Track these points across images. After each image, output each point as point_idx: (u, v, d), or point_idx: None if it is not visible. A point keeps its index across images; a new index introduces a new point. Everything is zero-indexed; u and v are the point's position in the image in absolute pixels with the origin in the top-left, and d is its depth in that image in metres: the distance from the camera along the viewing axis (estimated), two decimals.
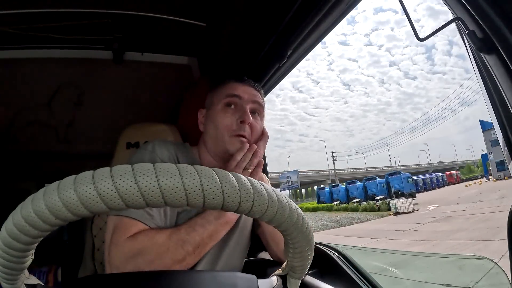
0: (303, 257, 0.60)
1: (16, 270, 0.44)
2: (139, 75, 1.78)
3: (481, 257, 1.96)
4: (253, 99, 1.07)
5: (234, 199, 0.42)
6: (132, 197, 0.37)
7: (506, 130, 0.62)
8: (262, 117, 1.11)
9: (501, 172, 30.43)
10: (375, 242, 11.74)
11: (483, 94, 0.68)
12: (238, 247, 1.08)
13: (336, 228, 17.93)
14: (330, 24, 1.12)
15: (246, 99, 1.06)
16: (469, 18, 0.61)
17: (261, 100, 1.12)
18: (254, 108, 1.08)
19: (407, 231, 13.05)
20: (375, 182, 35.51)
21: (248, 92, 1.08)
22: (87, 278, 0.79)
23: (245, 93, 1.07)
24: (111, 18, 1.29)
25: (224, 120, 1.04)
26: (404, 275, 3.17)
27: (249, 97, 1.07)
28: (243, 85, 1.09)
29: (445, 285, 3.06)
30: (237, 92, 1.06)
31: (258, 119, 1.08)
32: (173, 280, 0.61)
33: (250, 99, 1.07)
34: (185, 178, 0.39)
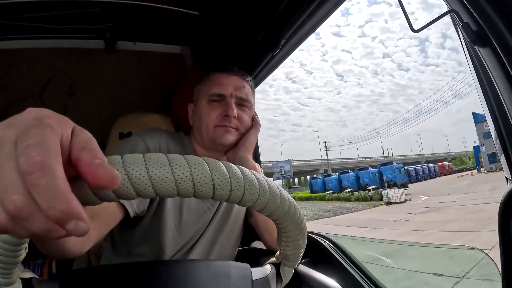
0: (296, 245, 0.60)
1: (10, 264, 0.43)
2: (131, 64, 1.77)
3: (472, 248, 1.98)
4: (239, 94, 1.07)
5: (225, 188, 0.42)
6: (122, 188, 0.37)
7: (498, 123, 0.63)
8: (250, 106, 1.11)
9: (492, 164, 30.77)
10: (368, 231, 11.85)
11: (476, 86, 0.69)
12: (232, 236, 1.11)
13: (329, 217, 18.07)
14: (324, 14, 1.11)
15: (230, 94, 1.06)
16: (464, 11, 0.61)
17: (248, 90, 1.11)
18: (240, 101, 1.08)
19: (399, 221, 13.18)
20: (368, 172, 35.78)
21: (233, 85, 1.07)
22: (81, 270, 0.79)
23: (230, 86, 1.07)
24: (103, 7, 1.27)
25: (208, 115, 1.05)
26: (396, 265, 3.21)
27: (234, 91, 1.07)
28: (228, 77, 1.09)
29: (436, 274, 3.11)
30: (221, 91, 1.06)
31: (246, 110, 1.09)
32: (167, 270, 0.61)
33: (235, 93, 1.07)
34: (175, 168, 0.39)
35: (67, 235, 0.28)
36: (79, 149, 0.30)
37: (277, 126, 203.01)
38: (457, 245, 6.84)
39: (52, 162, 0.27)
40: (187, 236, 1.01)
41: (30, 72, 1.56)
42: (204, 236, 1.04)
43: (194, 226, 1.03)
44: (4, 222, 0.26)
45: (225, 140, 1.03)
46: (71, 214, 0.26)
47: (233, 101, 1.05)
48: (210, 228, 1.06)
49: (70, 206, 0.26)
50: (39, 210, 0.26)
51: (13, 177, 0.26)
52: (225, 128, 1.03)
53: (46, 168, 0.26)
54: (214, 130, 1.03)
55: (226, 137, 1.03)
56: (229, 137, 1.04)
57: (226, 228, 1.09)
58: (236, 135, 1.06)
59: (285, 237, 0.58)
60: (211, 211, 1.07)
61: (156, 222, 0.97)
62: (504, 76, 0.56)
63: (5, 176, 0.26)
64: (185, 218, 1.01)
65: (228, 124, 1.03)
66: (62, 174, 0.27)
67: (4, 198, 0.26)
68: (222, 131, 1.03)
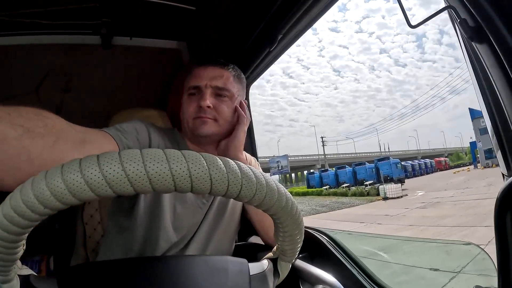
0: (293, 240, 0.61)
1: (8, 261, 0.43)
2: (128, 60, 1.76)
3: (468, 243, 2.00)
4: (214, 83, 1.06)
5: (222, 183, 0.42)
6: (120, 184, 0.37)
7: (495, 119, 0.63)
8: (231, 96, 1.09)
9: (489, 160, 30.92)
10: (364, 226, 11.90)
11: (473, 82, 0.69)
12: (228, 231, 1.11)
13: (326, 212, 18.10)
14: (321, 9, 1.11)
15: (205, 85, 1.05)
16: (461, 7, 0.61)
17: (228, 79, 1.09)
18: (217, 91, 1.06)
19: (395, 216, 13.23)
20: (365, 167, 35.83)
21: (209, 76, 1.06)
22: (79, 266, 0.79)
23: (205, 77, 1.06)
24: (99, 3, 1.26)
25: (187, 108, 1.05)
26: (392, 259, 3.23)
27: (209, 81, 1.05)
28: (206, 70, 1.08)
29: (433, 269, 3.13)
30: (196, 83, 1.06)
31: (225, 100, 1.07)
32: (164, 265, 0.61)
33: (210, 83, 1.05)
34: (172, 163, 0.39)
35: None
36: None
37: (274, 122, 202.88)
38: (454, 240, 6.89)
39: None
40: (183, 231, 1.01)
41: (26, 68, 1.55)
42: (199, 231, 1.04)
43: (189, 221, 1.03)
44: None
45: (202, 131, 1.02)
46: None
47: (208, 91, 1.05)
48: (205, 223, 1.05)
49: None
50: None
51: None
52: (201, 119, 1.03)
53: None
54: (193, 123, 1.04)
55: (202, 128, 1.02)
56: (205, 128, 1.03)
57: (222, 223, 1.08)
58: (215, 126, 1.04)
59: (282, 231, 0.58)
60: (205, 206, 1.06)
61: (152, 218, 0.97)
62: (501, 72, 0.56)
63: None
64: (179, 213, 1.01)
65: (204, 115, 1.03)
66: None
67: None
68: (199, 122, 1.03)
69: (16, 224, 0.39)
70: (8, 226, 0.39)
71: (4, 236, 0.39)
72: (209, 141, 1.08)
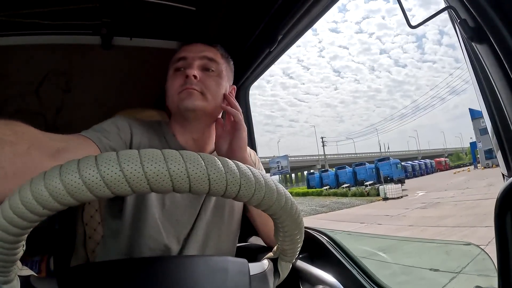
0: (293, 240, 0.61)
1: (8, 262, 0.43)
2: (128, 60, 1.76)
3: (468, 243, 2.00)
4: (201, 55, 1.02)
5: (221, 183, 0.42)
6: (118, 184, 0.37)
7: (495, 119, 0.63)
8: (219, 72, 1.04)
9: (489, 160, 30.95)
10: (364, 227, 11.91)
11: (473, 83, 0.69)
12: (229, 232, 1.07)
13: (326, 213, 18.12)
14: (321, 10, 1.12)
15: (192, 56, 1.02)
16: (461, 7, 0.61)
17: (214, 54, 1.06)
18: (204, 64, 1.02)
19: (395, 216, 13.24)
20: (365, 167, 35.85)
21: (196, 50, 1.04)
22: (79, 266, 0.79)
23: (192, 51, 1.03)
24: (99, 3, 1.26)
25: (172, 84, 1.01)
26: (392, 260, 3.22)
27: (195, 53, 1.02)
28: (192, 45, 1.05)
29: (433, 269, 3.13)
30: (183, 54, 1.03)
31: (212, 75, 1.02)
32: (164, 265, 0.61)
33: (197, 55, 1.02)
34: (170, 163, 0.39)
35: None
36: None
37: (274, 122, 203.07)
38: (453, 241, 6.89)
39: None
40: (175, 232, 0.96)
41: (26, 69, 1.55)
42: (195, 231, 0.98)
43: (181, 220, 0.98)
44: None
45: (188, 103, 0.96)
46: None
47: (196, 63, 1.01)
48: (201, 222, 0.99)
49: None
50: None
51: None
52: (187, 90, 0.97)
53: None
54: (178, 97, 0.98)
55: (188, 100, 0.96)
56: (191, 100, 0.96)
57: (222, 223, 1.04)
58: (202, 100, 0.98)
59: (282, 232, 0.58)
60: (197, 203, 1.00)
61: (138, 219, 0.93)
62: (501, 73, 0.56)
63: None
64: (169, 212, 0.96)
65: (190, 86, 0.97)
66: None
67: None
68: (185, 94, 0.97)
69: (15, 225, 0.39)
70: (8, 227, 0.39)
71: (4, 237, 0.39)
72: (195, 119, 1.01)
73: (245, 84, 1.68)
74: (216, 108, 1.03)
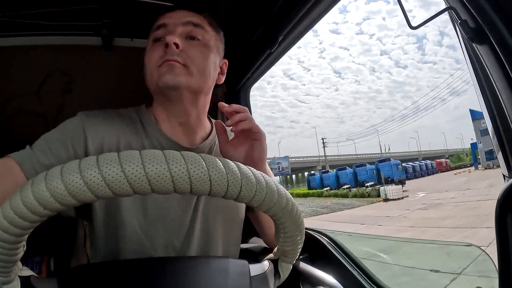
0: (293, 241, 0.61)
1: (9, 262, 0.43)
2: (129, 61, 1.75)
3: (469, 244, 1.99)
4: (185, 20, 0.87)
5: (222, 184, 0.42)
6: (119, 185, 0.37)
7: (495, 120, 0.63)
8: (206, 43, 0.89)
9: (490, 161, 30.90)
10: (365, 228, 11.90)
11: (474, 84, 0.69)
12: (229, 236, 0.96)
13: (327, 214, 18.11)
14: (322, 11, 1.12)
15: (173, 23, 0.86)
16: (462, 8, 0.61)
17: (201, 20, 0.90)
18: (188, 31, 0.86)
19: (396, 218, 13.23)
20: (365, 168, 35.88)
21: (178, 15, 0.88)
22: (79, 267, 0.79)
23: (173, 17, 0.87)
24: (99, 4, 1.26)
25: (151, 57, 0.85)
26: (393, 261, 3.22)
27: (178, 19, 0.87)
28: (173, 12, 0.90)
29: (433, 270, 3.12)
30: (162, 21, 0.88)
31: (198, 45, 0.87)
32: (164, 266, 0.61)
33: (179, 21, 0.86)
34: (172, 164, 0.39)
35: None
36: None
37: (275, 123, 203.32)
38: (454, 242, 6.88)
39: None
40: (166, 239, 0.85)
41: (27, 69, 1.55)
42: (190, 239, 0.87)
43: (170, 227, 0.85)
44: None
45: (168, 78, 0.80)
46: None
47: (178, 29, 0.85)
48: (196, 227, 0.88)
49: None
50: None
51: None
52: (167, 63, 0.81)
53: None
54: (158, 71, 0.82)
55: (169, 75, 0.80)
56: (173, 75, 0.80)
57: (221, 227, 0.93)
58: (185, 74, 0.82)
59: (282, 233, 0.58)
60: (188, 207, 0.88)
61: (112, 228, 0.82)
62: (502, 73, 0.56)
63: None
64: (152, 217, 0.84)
65: (170, 57, 0.81)
66: None
67: None
68: (165, 68, 0.81)
69: (16, 225, 0.39)
70: (8, 228, 0.39)
71: (5, 237, 0.40)
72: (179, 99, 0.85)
73: (246, 85, 1.68)
74: (203, 84, 0.87)
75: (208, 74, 0.88)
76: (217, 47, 0.93)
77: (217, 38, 0.94)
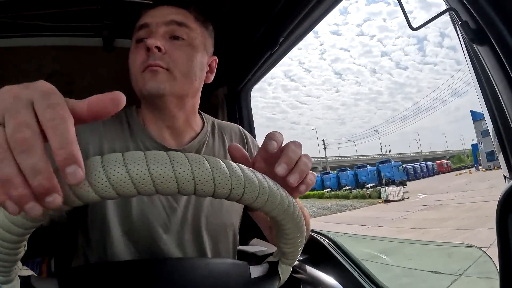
0: (294, 243, 0.60)
1: (9, 262, 0.43)
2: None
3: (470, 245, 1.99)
4: (167, 19, 0.82)
5: (225, 186, 0.42)
6: (124, 186, 0.37)
7: (496, 121, 0.63)
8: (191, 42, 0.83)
9: (490, 163, 30.94)
10: (366, 229, 11.89)
11: (474, 85, 0.69)
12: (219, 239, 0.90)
13: (327, 215, 18.12)
14: (322, 12, 1.11)
15: (155, 22, 0.81)
16: (463, 9, 0.61)
17: (185, 17, 0.84)
18: (171, 31, 0.82)
19: (397, 219, 13.22)
20: (366, 170, 35.91)
21: (161, 14, 0.83)
22: (80, 267, 0.79)
23: (155, 16, 0.83)
24: (100, 5, 1.27)
25: (134, 60, 0.81)
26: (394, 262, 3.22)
27: (160, 18, 0.82)
28: (155, 9, 0.85)
29: (434, 272, 3.12)
30: (144, 20, 0.84)
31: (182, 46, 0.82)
32: (165, 267, 0.61)
33: (162, 20, 0.81)
34: (176, 165, 0.39)
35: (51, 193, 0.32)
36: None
37: (276, 124, 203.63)
38: (455, 243, 6.88)
39: (69, 119, 0.33)
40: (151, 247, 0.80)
41: (28, 70, 1.55)
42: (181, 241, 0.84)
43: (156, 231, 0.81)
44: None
45: (151, 85, 0.77)
46: (74, 158, 0.31)
47: (161, 31, 0.80)
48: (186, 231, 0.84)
49: (74, 151, 0.31)
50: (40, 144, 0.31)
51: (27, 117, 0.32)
52: (150, 68, 0.77)
53: (64, 120, 0.32)
54: (141, 78, 0.79)
55: (151, 82, 0.77)
56: (156, 82, 0.77)
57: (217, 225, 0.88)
58: (169, 80, 0.78)
59: (283, 235, 0.58)
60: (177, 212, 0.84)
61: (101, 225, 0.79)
62: (503, 74, 0.56)
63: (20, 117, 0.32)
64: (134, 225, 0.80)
65: (152, 62, 0.76)
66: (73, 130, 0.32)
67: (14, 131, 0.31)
68: (148, 74, 0.77)
69: (18, 225, 0.39)
70: (11, 227, 0.39)
71: (7, 236, 0.40)
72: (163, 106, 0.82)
73: (247, 87, 1.68)
74: (188, 87, 0.84)
75: (193, 76, 0.84)
76: (204, 45, 0.88)
77: (204, 35, 0.89)
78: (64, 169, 0.31)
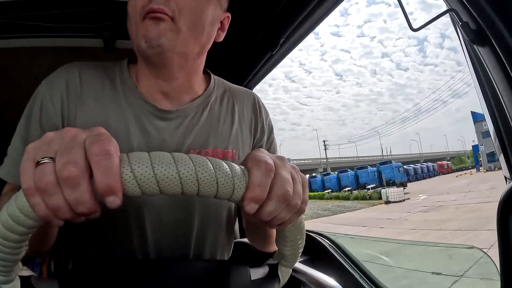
0: (294, 246, 0.60)
1: (10, 261, 0.43)
2: None
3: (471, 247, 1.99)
4: None
5: (228, 187, 0.43)
6: (128, 186, 0.38)
7: (497, 122, 0.63)
8: None
9: (491, 164, 30.90)
10: (366, 230, 11.88)
11: (475, 86, 0.69)
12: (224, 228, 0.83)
13: (328, 216, 18.10)
14: (323, 13, 1.11)
15: None
16: (463, 10, 0.61)
17: None
18: None
19: (397, 220, 13.21)
20: (367, 171, 35.89)
21: None
22: (80, 268, 0.79)
23: None
24: (101, 6, 1.27)
25: (134, 3, 0.67)
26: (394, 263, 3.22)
27: None
28: None
29: (435, 273, 3.12)
30: None
31: None
32: (166, 268, 0.61)
33: None
34: (180, 166, 0.40)
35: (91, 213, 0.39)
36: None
37: (276, 125, 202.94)
38: (456, 244, 6.87)
39: (114, 154, 0.37)
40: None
41: (29, 71, 1.55)
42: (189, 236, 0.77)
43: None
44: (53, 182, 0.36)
45: (151, 35, 0.65)
46: (113, 190, 0.36)
47: None
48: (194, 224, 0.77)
49: (113, 183, 0.36)
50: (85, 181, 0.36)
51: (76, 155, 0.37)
52: (151, 15, 0.64)
53: (108, 156, 0.37)
54: (140, 28, 0.66)
55: (152, 31, 0.64)
56: (157, 31, 0.64)
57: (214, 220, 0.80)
58: (173, 31, 0.66)
59: (283, 237, 0.58)
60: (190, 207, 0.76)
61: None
62: (503, 75, 0.56)
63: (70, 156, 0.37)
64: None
65: (155, 6, 0.63)
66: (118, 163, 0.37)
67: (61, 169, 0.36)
68: (149, 22, 0.64)
69: (21, 224, 0.39)
70: (13, 226, 0.39)
71: (9, 236, 0.40)
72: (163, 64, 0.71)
73: (247, 87, 1.69)
74: (195, 43, 0.72)
75: (201, 30, 0.71)
76: None
77: None
78: (105, 198, 0.37)
